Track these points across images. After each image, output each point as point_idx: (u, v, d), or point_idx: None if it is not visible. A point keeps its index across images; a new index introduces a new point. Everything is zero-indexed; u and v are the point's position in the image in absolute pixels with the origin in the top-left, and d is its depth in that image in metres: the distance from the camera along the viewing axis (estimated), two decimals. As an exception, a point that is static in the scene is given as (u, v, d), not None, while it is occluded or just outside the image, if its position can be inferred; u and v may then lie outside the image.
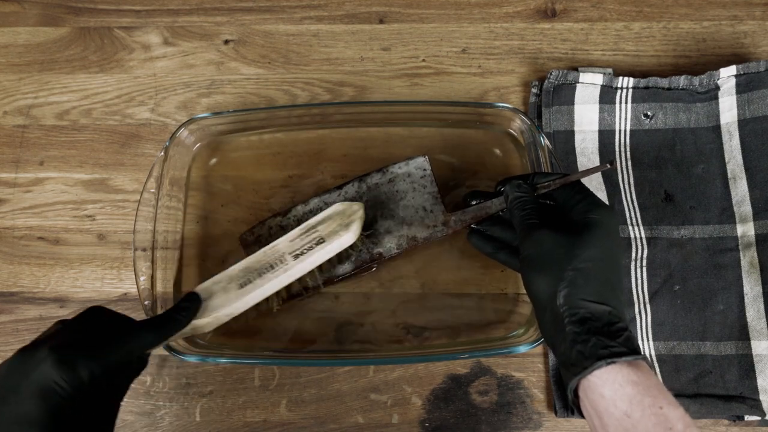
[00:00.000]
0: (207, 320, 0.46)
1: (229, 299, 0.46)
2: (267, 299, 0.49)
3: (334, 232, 0.48)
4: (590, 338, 0.36)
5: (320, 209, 0.53)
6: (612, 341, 0.36)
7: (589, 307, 0.37)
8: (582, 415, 0.38)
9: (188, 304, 0.45)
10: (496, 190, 0.49)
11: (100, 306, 0.41)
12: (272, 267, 0.47)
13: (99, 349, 0.37)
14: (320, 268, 0.50)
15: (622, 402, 0.34)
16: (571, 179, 0.45)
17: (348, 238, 0.48)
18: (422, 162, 0.54)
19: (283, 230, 0.53)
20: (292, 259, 0.47)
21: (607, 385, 0.34)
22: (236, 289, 0.47)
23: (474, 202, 0.50)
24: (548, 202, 0.47)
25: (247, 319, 0.50)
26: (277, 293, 0.49)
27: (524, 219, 0.44)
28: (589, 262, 0.39)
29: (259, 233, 0.54)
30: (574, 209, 0.43)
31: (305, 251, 0.47)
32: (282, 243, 0.49)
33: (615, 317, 0.37)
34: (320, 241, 0.48)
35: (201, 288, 0.47)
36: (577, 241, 0.40)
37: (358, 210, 0.49)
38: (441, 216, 0.52)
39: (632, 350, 0.35)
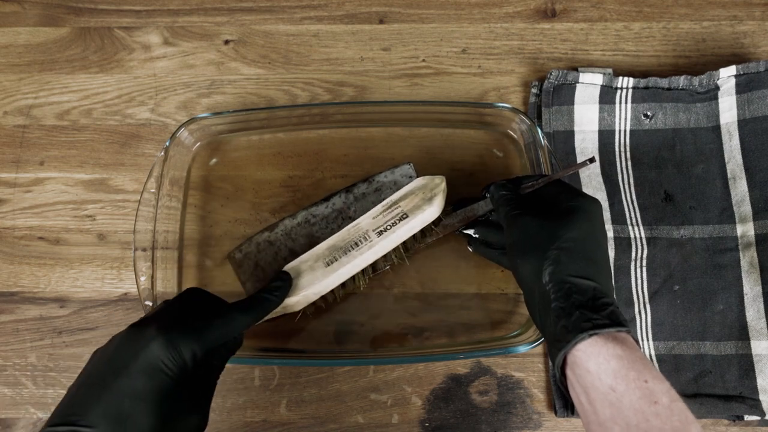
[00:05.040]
0: (297, 298, 0.46)
1: (317, 277, 0.47)
2: (353, 278, 0.50)
3: (417, 207, 0.48)
4: (574, 312, 0.36)
5: (308, 222, 0.53)
6: (595, 314, 0.36)
7: (574, 281, 0.38)
8: (570, 397, 0.38)
9: (281, 284, 0.46)
10: (482, 195, 0.50)
11: (197, 288, 0.43)
12: (357, 244, 0.47)
13: (202, 331, 0.38)
14: (404, 245, 0.50)
15: (607, 376, 0.34)
16: (555, 177, 0.46)
17: (432, 212, 0.48)
18: (407, 169, 0.54)
19: (272, 245, 0.53)
20: (376, 235, 0.48)
21: (592, 359, 0.35)
22: (323, 267, 0.47)
23: (485, 194, 0.51)
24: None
25: (336, 297, 0.51)
26: (363, 271, 0.50)
27: (509, 212, 0.44)
28: (572, 242, 0.40)
29: (247, 250, 0.54)
30: (557, 200, 0.44)
31: (389, 227, 0.48)
32: (365, 220, 0.49)
33: (600, 293, 0.37)
34: (403, 216, 0.48)
35: (290, 267, 0.48)
36: (559, 225, 0.41)
37: (440, 183, 0.49)
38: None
39: (616, 323, 0.36)
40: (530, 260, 0.40)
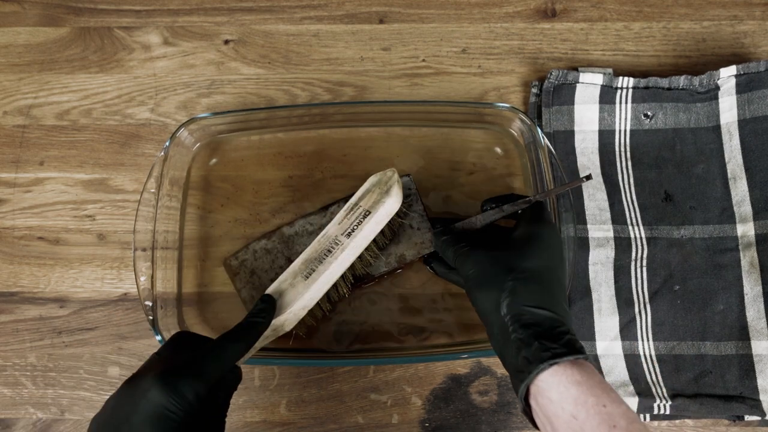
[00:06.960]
0: (285, 317, 0.46)
1: (299, 292, 0.47)
2: (336, 287, 0.50)
3: (377, 202, 0.49)
4: (533, 342, 0.37)
5: (306, 231, 0.54)
6: (554, 344, 0.36)
7: (532, 312, 0.38)
8: (536, 427, 0.38)
9: (264, 305, 0.45)
10: (482, 208, 0.51)
11: (183, 331, 0.43)
12: (330, 251, 0.48)
13: (199, 368, 0.37)
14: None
15: (568, 404, 0.34)
16: (550, 194, 0.45)
17: (391, 202, 0.48)
18: (407, 182, 0.54)
19: (269, 253, 0.54)
20: (346, 237, 0.48)
21: (554, 389, 0.35)
22: (303, 281, 0.47)
23: (486, 208, 0.51)
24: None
25: (325, 311, 0.51)
26: (344, 278, 0.50)
27: (457, 252, 0.45)
28: (527, 273, 0.40)
29: (243, 258, 0.54)
30: (518, 225, 0.45)
31: (355, 227, 0.48)
32: (332, 228, 0.49)
33: (557, 322, 0.38)
34: (366, 213, 0.48)
35: (270, 290, 0.48)
36: (514, 255, 0.41)
37: (392, 175, 0.50)
38: (428, 233, 0.53)
39: (574, 351, 0.36)
40: (487, 292, 0.41)
